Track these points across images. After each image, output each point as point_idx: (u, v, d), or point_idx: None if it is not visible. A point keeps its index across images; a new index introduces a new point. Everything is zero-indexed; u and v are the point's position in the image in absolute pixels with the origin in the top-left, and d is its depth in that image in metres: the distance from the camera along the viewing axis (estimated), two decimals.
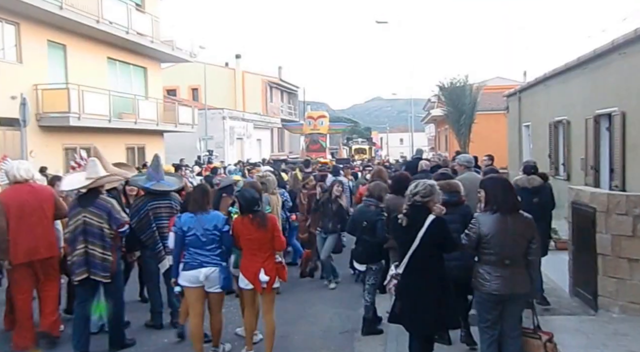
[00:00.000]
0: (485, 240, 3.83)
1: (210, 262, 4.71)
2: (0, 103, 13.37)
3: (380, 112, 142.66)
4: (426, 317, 3.87)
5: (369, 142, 38.04)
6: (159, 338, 5.60)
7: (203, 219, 4.72)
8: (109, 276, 5.06)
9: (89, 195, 5.12)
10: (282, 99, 44.73)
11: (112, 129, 17.60)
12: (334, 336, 5.62)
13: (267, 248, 4.73)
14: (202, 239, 4.68)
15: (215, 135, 27.34)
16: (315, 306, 6.63)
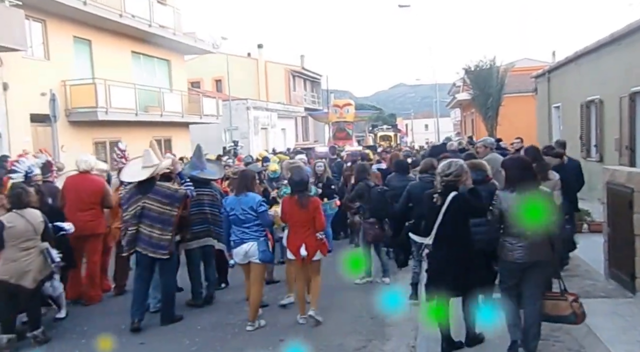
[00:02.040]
0: (507, 215, 4.22)
1: (250, 238, 5.41)
2: (31, 100, 13.68)
3: (404, 99, 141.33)
4: (454, 280, 4.36)
5: (394, 129, 37.75)
6: (202, 314, 6.02)
7: (242, 201, 5.43)
8: (167, 254, 5.61)
9: (146, 183, 5.60)
10: (305, 87, 44.59)
11: (139, 122, 17.85)
12: (364, 321, 5.61)
13: (309, 226, 5.42)
14: (241, 218, 5.41)
15: (239, 125, 27.48)
16: (345, 292, 6.62)
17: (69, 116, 15.41)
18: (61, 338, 5.47)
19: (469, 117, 33.85)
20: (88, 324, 5.85)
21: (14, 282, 5.11)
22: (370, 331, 5.31)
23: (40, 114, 13.49)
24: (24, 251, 5.18)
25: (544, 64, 24.76)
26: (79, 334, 5.58)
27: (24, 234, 5.18)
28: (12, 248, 5.13)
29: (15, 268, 5.12)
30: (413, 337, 5.05)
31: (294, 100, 40.08)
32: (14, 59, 13.13)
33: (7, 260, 5.12)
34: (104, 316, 6.13)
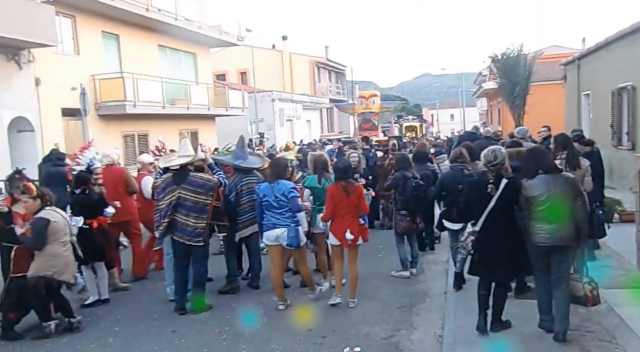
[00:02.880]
0: (532, 201, 4.42)
1: (281, 224, 5.69)
2: (62, 95, 14.02)
3: (430, 89, 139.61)
4: (500, 267, 4.49)
5: (420, 119, 37.49)
6: (231, 303, 6.14)
7: (275, 188, 5.70)
8: (202, 241, 5.80)
9: (181, 173, 5.79)
10: (330, 79, 44.46)
11: (166, 115, 18.12)
12: (391, 311, 5.62)
13: (353, 212, 5.68)
14: (274, 204, 5.68)
15: (265, 117, 27.63)
16: (373, 282, 6.64)
17: (98, 110, 15.74)
18: (95, 326, 5.64)
19: (495, 106, 33.28)
20: (121, 312, 6.02)
21: (57, 278, 5.28)
22: (398, 321, 5.32)
23: (72, 108, 13.81)
24: (64, 246, 5.35)
25: (573, 51, 24.08)
26: (112, 322, 5.76)
27: (63, 229, 5.35)
28: (54, 244, 5.25)
29: (60, 263, 5.28)
30: (440, 327, 5.04)
31: (319, 92, 40.03)
32: (45, 55, 13.45)
33: (51, 256, 5.24)
34: (136, 305, 6.30)
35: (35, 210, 5.31)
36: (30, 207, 5.36)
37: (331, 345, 4.80)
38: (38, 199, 5.34)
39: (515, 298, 5.27)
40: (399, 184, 6.87)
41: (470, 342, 4.53)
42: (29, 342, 5.23)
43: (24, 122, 13.17)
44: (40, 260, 5.24)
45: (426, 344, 4.74)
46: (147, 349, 4.97)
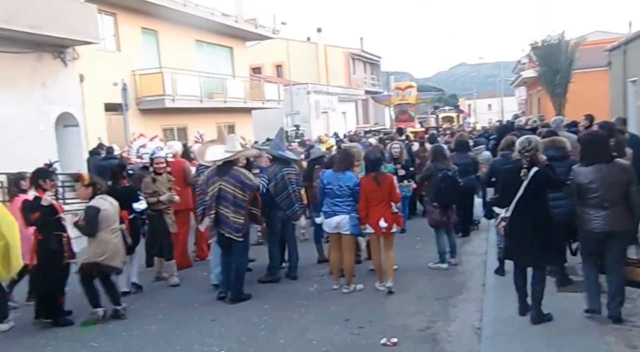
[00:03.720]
0: (584, 187, 4.45)
1: (342, 211, 5.90)
2: (104, 90, 14.45)
3: (466, 79, 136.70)
4: (530, 252, 4.51)
5: (457, 109, 36.84)
6: (270, 293, 6.23)
7: (340, 177, 5.92)
8: (240, 236, 5.86)
9: (225, 166, 5.90)
10: (365, 70, 44.18)
11: (204, 108, 18.43)
12: (428, 302, 5.59)
13: (386, 201, 5.85)
14: (336, 193, 5.91)
15: (300, 110, 27.74)
16: (408, 273, 6.61)
17: (139, 104, 16.16)
18: (139, 314, 5.84)
19: (535, 95, 32.35)
20: (163, 301, 6.21)
21: (107, 263, 5.47)
22: (434, 312, 5.29)
23: (113, 103, 14.23)
24: (114, 233, 5.55)
25: (618, 36, 23.13)
26: (155, 310, 5.94)
27: (113, 217, 5.57)
28: (105, 231, 5.46)
29: (110, 250, 5.47)
30: (478, 319, 4.98)
31: (354, 83, 39.85)
32: (88, 51, 13.88)
33: (101, 242, 5.46)
34: (178, 294, 6.48)
35: (87, 197, 5.58)
36: (82, 195, 5.64)
37: (368, 335, 4.81)
38: (90, 187, 5.59)
39: (557, 291, 5.19)
40: (431, 176, 6.86)
41: (509, 334, 4.46)
42: (78, 328, 5.47)
43: (69, 117, 13.65)
44: (92, 246, 5.49)
45: (463, 336, 4.70)
46: (188, 337, 5.10)
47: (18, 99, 12.10)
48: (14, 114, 11.93)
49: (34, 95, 12.61)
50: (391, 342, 4.58)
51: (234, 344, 4.85)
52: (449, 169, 6.83)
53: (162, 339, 5.09)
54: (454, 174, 6.86)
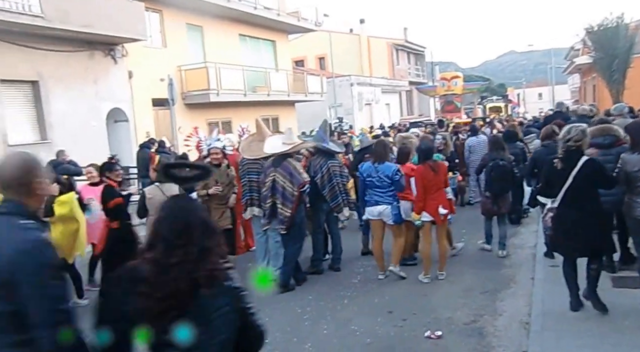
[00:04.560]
0: (633, 175, 4.40)
1: (383, 201, 5.98)
2: (152, 86, 14.87)
3: (515, 67, 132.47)
4: (579, 243, 4.40)
5: (505, 99, 35.81)
6: (313, 284, 6.24)
7: (379, 168, 5.98)
8: (284, 229, 5.93)
9: (280, 158, 5.98)
10: (409, 61, 43.50)
11: (247, 102, 18.66)
12: (474, 296, 5.45)
13: (441, 188, 5.95)
14: (377, 183, 5.98)
15: (344, 102, 27.63)
16: (454, 266, 6.47)
17: (184, 99, 16.53)
18: None
19: (589, 82, 30.94)
20: None
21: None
22: (480, 306, 5.15)
23: (160, 98, 14.62)
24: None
25: None
26: None
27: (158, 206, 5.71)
28: (152, 217, 5.68)
29: None
30: (526, 314, 4.81)
31: (398, 74, 39.34)
32: (136, 48, 14.31)
33: (148, 227, 5.71)
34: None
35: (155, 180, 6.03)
36: (152, 177, 6.20)
37: (411, 328, 4.74)
38: (155, 172, 6.09)
39: (612, 287, 4.97)
40: (485, 165, 6.96)
41: (559, 330, 4.28)
42: None
43: (119, 112, 14.14)
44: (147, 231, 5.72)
45: (511, 331, 4.55)
46: None
47: (72, 96, 12.64)
48: (68, 111, 12.47)
49: (87, 92, 13.14)
50: (435, 335, 4.50)
51: (278, 334, 4.86)
52: (502, 159, 6.80)
53: None
54: (508, 164, 6.80)
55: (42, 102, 12.15)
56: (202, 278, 1.81)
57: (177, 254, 1.82)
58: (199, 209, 2.03)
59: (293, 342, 4.72)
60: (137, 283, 1.80)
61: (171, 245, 1.84)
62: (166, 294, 1.77)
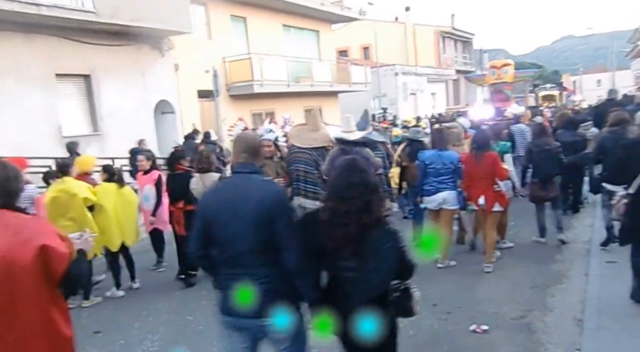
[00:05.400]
0: None
1: (446, 187, 6.01)
2: (197, 77, 15.10)
3: (572, 53, 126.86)
4: None
5: (559, 87, 34.29)
6: None
7: (442, 156, 6.04)
8: None
9: (347, 146, 5.88)
10: (456, 49, 42.36)
11: (291, 93, 18.66)
12: (523, 290, 5.22)
13: (487, 180, 5.88)
14: (440, 171, 6.01)
15: (388, 92, 27.25)
16: (503, 259, 6.23)
17: (229, 90, 16.70)
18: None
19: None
20: None
21: None
22: (529, 301, 4.92)
23: (205, 90, 14.83)
24: None
25: None
26: None
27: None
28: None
29: None
30: (580, 311, 4.55)
31: (444, 63, 38.41)
32: (182, 41, 14.54)
33: None
34: None
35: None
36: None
37: (456, 321, 4.59)
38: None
39: None
40: (532, 152, 6.84)
41: (616, 329, 4.02)
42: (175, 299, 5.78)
43: (166, 104, 14.44)
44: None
45: (563, 328, 4.31)
46: None
47: (121, 88, 12.99)
48: (118, 103, 12.83)
49: (135, 85, 13.47)
50: (481, 330, 4.34)
51: None
52: (548, 145, 6.75)
53: None
54: (554, 150, 6.73)
55: (93, 95, 12.56)
56: (369, 222, 2.45)
57: (347, 204, 2.47)
58: (364, 172, 2.58)
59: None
60: (319, 225, 2.53)
61: (342, 198, 2.49)
62: (339, 235, 2.45)
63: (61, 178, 5.77)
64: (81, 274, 2.40)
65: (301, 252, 2.51)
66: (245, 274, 2.54)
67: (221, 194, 2.68)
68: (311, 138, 6.41)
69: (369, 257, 2.45)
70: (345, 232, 2.44)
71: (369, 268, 2.46)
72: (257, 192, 2.57)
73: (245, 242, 2.52)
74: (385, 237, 2.49)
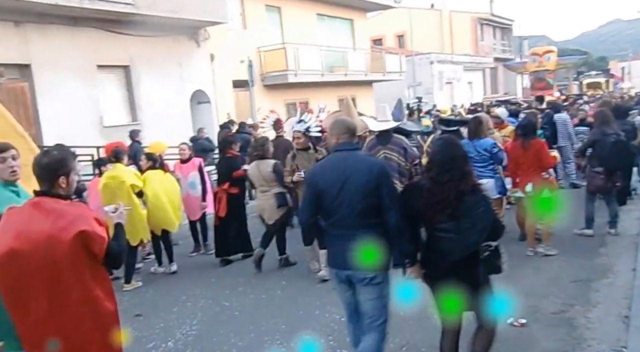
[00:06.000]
0: None
1: (484, 175, 5.89)
2: (232, 68, 15.21)
3: (620, 37, 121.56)
4: None
5: (606, 74, 33.00)
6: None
7: (477, 144, 6.00)
8: None
9: (384, 134, 5.89)
10: (495, 36, 41.26)
11: (325, 82, 18.62)
12: (563, 285, 5.06)
13: (534, 167, 5.84)
14: (476, 159, 5.89)
15: (423, 81, 26.86)
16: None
17: (263, 80, 16.78)
18: (266, 279, 6.09)
19: None
20: (287, 268, 6.40)
21: (260, 215, 6.28)
22: (571, 296, 4.77)
23: (240, 80, 14.93)
24: (262, 193, 6.27)
25: None
26: (279, 276, 6.16)
27: (257, 180, 6.25)
28: (257, 190, 6.37)
29: (258, 205, 6.35)
30: (626, 307, 4.39)
31: (482, 50, 37.49)
32: (217, 31, 14.66)
33: (257, 199, 6.44)
34: (301, 263, 6.51)
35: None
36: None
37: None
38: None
39: None
40: (596, 141, 6.55)
41: None
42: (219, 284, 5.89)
43: (202, 94, 14.63)
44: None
45: (607, 324, 4.16)
46: (310, 303, 5.20)
47: (158, 79, 13.23)
48: (155, 93, 13.08)
49: (172, 75, 13.69)
50: (519, 323, 4.23)
51: None
52: (616, 133, 6.49)
53: (285, 303, 5.27)
54: (622, 138, 6.52)
55: (132, 85, 12.83)
56: (465, 189, 2.96)
57: (447, 175, 2.98)
58: (460, 147, 3.19)
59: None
60: (420, 192, 3.06)
61: (442, 168, 3.01)
62: (438, 200, 2.96)
63: (114, 165, 6.06)
64: (121, 250, 2.58)
65: (400, 213, 3.04)
66: (349, 234, 3.07)
67: (329, 169, 3.19)
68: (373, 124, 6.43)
69: (464, 220, 2.94)
70: (445, 198, 2.94)
71: (465, 229, 2.94)
72: (365, 165, 3.13)
73: (351, 208, 3.05)
74: (480, 202, 3.00)
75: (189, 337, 4.64)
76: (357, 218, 3.05)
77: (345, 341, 4.29)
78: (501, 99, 25.40)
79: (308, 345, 4.22)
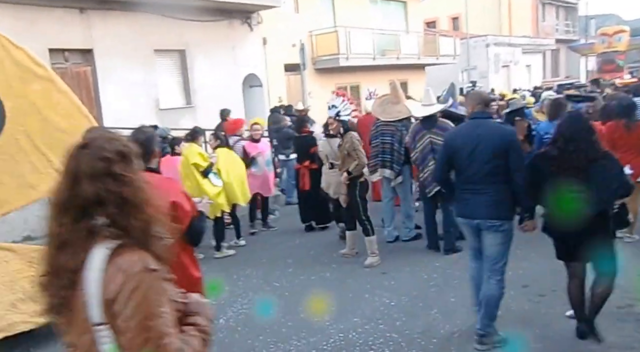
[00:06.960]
0: None
1: None
2: (284, 51, 15.24)
3: None
4: None
5: None
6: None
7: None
8: None
9: (429, 119, 5.89)
10: (558, 16, 39.22)
11: (376, 66, 18.33)
12: (629, 278, 4.55)
13: (635, 148, 5.70)
14: None
15: (478, 64, 25.99)
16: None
17: (315, 64, 16.71)
18: (315, 261, 6.15)
19: None
20: (337, 252, 6.41)
21: (325, 190, 6.46)
22: (638, 289, 4.52)
23: (292, 63, 14.94)
24: (330, 169, 6.41)
25: None
26: (329, 258, 6.20)
27: (326, 157, 6.45)
28: (325, 166, 6.53)
29: (325, 180, 6.47)
30: None
31: (543, 31, 35.78)
32: (270, 15, 14.68)
33: (324, 174, 6.55)
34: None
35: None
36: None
37: (549, 305, 4.36)
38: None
39: None
40: None
41: None
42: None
43: (254, 78, 14.76)
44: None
45: None
46: (359, 286, 5.22)
47: (212, 63, 13.43)
48: (209, 77, 13.31)
49: (225, 59, 13.86)
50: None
51: (404, 298, 4.84)
52: None
53: (335, 285, 5.30)
54: None
55: (187, 69, 13.10)
56: (596, 156, 3.46)
57: (573, 144, 3.47)
58: (584, 120, 3.67)
59: (419, 307, 4.65)
60: (547, 160, 3.58)
61: (568, 139, 3.50)
62: (567, 166, 3.45)
63: (189, 143, 6.41)
64: (201, 229, 2.90)
65: (525, 174, 3.53)
66: (477, 190, 3.60)
67: (464, 132, 3.74)
68: (396, 110, 6.45)
69: (599, 181, 3.38)
70: (575, 164, 3.41)
71: (600, 188, 3.38)
72: (497, 131, 3.67)
73: (481, 167, 3.57)
74: (614, 166, 3.50)
75: (239, 315, 4.75)
76: (486, 176, 3.56)
77: (395, 325, 4.30)
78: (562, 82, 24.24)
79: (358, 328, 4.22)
